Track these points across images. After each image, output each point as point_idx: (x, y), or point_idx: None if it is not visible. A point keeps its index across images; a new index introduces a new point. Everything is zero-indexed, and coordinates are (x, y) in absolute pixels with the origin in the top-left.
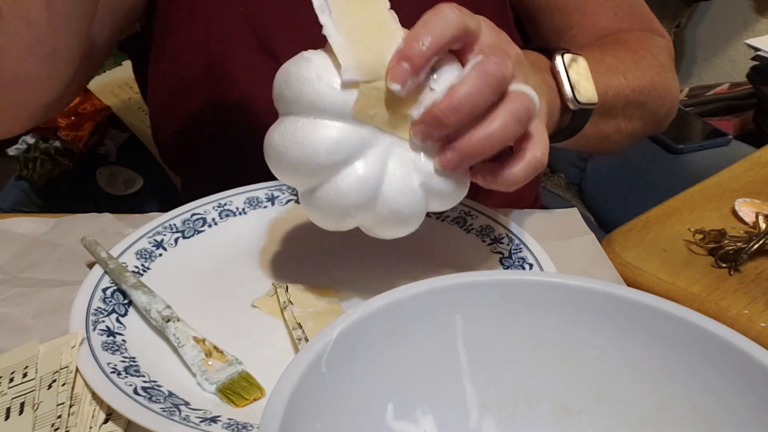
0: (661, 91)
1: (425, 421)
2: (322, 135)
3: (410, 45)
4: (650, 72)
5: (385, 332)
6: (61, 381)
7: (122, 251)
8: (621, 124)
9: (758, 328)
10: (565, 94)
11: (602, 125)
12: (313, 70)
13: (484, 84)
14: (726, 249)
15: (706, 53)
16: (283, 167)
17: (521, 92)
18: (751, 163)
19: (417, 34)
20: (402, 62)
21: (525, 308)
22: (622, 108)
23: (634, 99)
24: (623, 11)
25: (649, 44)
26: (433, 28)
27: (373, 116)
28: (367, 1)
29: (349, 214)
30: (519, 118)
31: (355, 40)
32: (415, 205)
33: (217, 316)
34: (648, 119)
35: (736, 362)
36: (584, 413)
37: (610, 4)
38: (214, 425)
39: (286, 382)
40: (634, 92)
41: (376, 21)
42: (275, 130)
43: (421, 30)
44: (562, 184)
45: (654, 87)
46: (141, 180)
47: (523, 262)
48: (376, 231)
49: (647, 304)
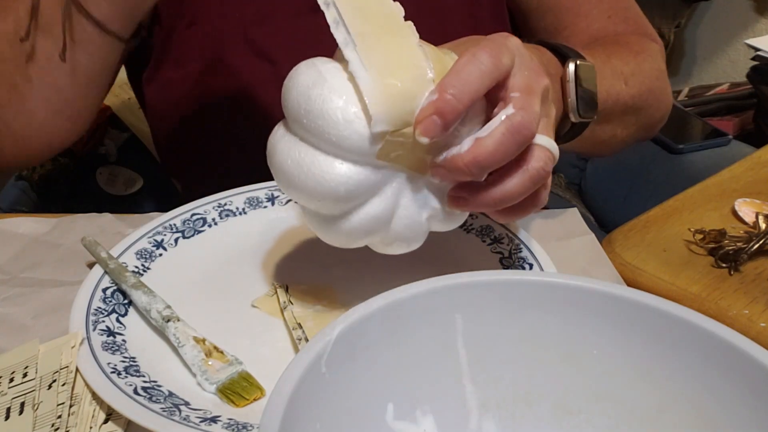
0: (659, 96)
1: (425, 421)
2: (342, 175)
3: (443, 98)
4: (650, 77)
5: (385, 332)
6: (61, 381)
7: (122, 251)
8: (617, 131)
9: (758, 328)
10: (569, 105)
11: (598, 131)
12: (337, 109)
13: (511, 142)
14: (726, 249)
15: (706, 53)
16: (296, 193)
17: (544, 149)
18: (751, 163)
19: (451, 84)
20: (434, 117)
21: (525, 308)
22: (619, 114)
23: (632, 105)
24: (617, 14)
25: (648, 49)
26: (469, 80)
27: (394, 158)
28: (395, 30)
29: (356, 242)
30: (537, 179)
31: (384, 83)
32: (420, 234)
33: (218, 316)
34: (643, 124)
35: (736, 362)
36: (584, 413)
37: (604, 6)
38: (214, 425)
39: (286, 382)
40: (633, 99)
41: (405, 58)
42: (287, 152)
43: (455, 80)
44: (562, 184)
45: (652, 92)
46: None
47: (523, 262)
48: (379, 249)
49: (647, 304)
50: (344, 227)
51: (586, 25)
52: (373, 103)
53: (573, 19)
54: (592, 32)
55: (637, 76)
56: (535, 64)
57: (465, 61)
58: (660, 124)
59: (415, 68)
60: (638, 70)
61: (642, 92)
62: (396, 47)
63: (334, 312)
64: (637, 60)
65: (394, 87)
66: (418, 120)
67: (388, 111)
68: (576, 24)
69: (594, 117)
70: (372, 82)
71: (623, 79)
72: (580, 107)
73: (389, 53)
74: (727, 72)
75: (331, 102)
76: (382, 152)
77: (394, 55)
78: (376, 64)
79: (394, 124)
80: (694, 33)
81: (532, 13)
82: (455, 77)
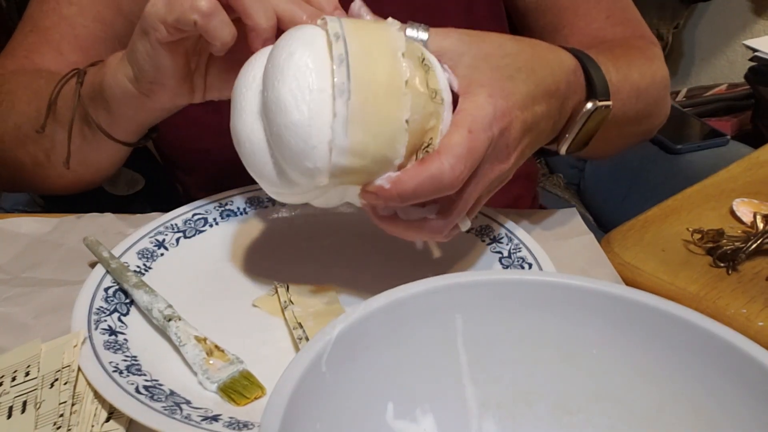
0: (662, 105)
1: (425, 420)
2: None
3: (391, 195)
4: (659, 87)
5: (385, 332)
6: (63, 380)
7: (124, 251)
8: (615, 140)
9: (756, 327)
10: (562, 138)
11: (596, 142)
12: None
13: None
14: (724, 248)
15: (705, 54)
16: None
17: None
18: (748, 164)
19: (404, 186)
20: (377, 196)
21: (525, 308)
22: (621, 125)
23: (635, 118)
24: (616, 15)
25: (656, 55)
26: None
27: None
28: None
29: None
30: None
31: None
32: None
33: (219, 316)
34: (642, 132)
35: (735, 361)
36: (584, 413)
37: (602, 6)
38: (215, 424)
39: (286, 381)
40: (639, 113)
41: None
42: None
43: (410, 184)
44: (561, 185)
45: (657, 103)
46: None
47: (523, 261)
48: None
49: (646, 304)
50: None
51: (584, 24)
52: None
53: (571, 18)
54: (590, 32)
55: (649, 89)
56: (504, 153)
57: (430, 164)
58: (658, 129)
59: (387, 150)
60: (651, 82)
61: (649, 104)
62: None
63: (334, 312)
64: (652, 69)
65: (359, 164)
66: (366, 190)
67: (342, 178)
68: (574, 23)
69: (579, 152)
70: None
71: (636, 95)
72: (571, 145)
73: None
74: (725, 73)
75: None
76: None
77: (378, 128)
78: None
79: (341, 182)
80: (693, 34)
81: (531, 13)
82: (412, 180)
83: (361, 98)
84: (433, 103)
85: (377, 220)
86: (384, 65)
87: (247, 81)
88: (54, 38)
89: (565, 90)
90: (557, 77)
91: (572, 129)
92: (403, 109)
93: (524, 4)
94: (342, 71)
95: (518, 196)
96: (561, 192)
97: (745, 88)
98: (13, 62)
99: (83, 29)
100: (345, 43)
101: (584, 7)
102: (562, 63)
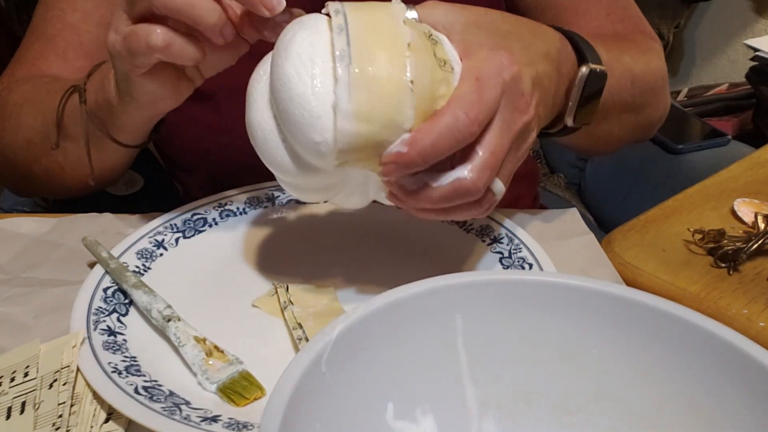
0: (659, 96)
1: (425, 420)
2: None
3: (410, 156)
4: (655, 75)
5: (385, 332)
6: (62, 380)
7: (123, 251)
8: (614, 129)
9: (757, 328)
10: (567, 108)
11: (594, 129)
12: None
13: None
14: (725, 249)
15: (705, 53)
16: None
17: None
18: (750, 164)
19: (422, 142)
20: (398, 165)
21: (525, 308)
22: (618, 112)
23: (632, 104)
24: (616, 13)
25: (653, 47)
26: (439, 143)
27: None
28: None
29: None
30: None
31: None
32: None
33: (218, 316)
34: (641, 123)
35: (735, 361)
36: (584, 413)
37: (603, 4)
38: (215, 424)
39: (286, 382)
40: (634, 98)
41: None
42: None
43: (428, 138)
44: (562, 184)
45: (654, 92)
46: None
47: (523, 262)
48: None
49: (647, 304)
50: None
51: (584, 23)
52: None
53: (571, 17)
54: (590, 30)
55: (644, 76)
56: (522, 102)
57: (444, 114)
58: (658, 125)
59: (395, 113)
60: (646, 68)
61: (645, 91)
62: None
63: (333, 312)
64: (646, 58)
65: (366, 129)
66: (384, 162)
67: (352, 149)
68: (574, 22)
69: (589, 123)
70: (349, 121)
71: (630, 78)
72: (577, 114)
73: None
74: (726, 72)
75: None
76: (341, 164)
77: (381, 89)
78: (358, 100)
79: (355, 159)
80: (694, 33)
81: (531, 11)
82: (428, 135)
83: (362, 61)
84: (442, 71)
85: (413, 203)
86: (384, 30)
87: (258, 75)
88: (59, 45)
89: (556, 55)
90: (547, 44)
91: (573, 96)
92: (406, 69)
93: (525, 4)
94: (342, 38)
95: (519, 196)
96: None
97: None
98: (21, 70)
99: (88, 35)
100: (345, 16)
101: (584, 5)
102: (547, 32)
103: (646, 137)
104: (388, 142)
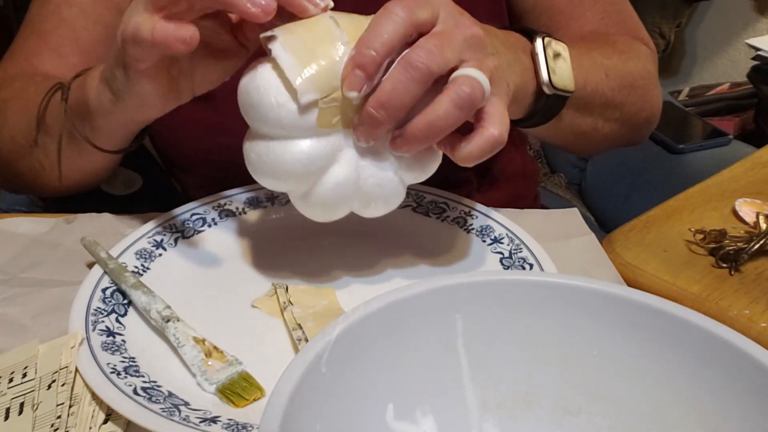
0: (642, 95)
1: (425, 421)
2: (293, 153)
3: (361, 52)
4: (634, 74)
5: (385, 332)
6: (60, 381)
7: (122, 251)
8: (598, 123)
9: (759, 329)
10: (540, 77)
11: (578, 120)
12: (270, 95)
13: (407, 79)
14: (726, 249)
15: (707, 53)
16: (268, 181)
17: (466, 77)
18: (751, 163)
19: (367, 39)
20: (355, 70)
21: (525, 308)
22: (600, 106)
23: (612, 98)
24: (611, 17)
25: (636, 50)
26: (382, 31)
27: (336, 123)
28: (309, 22)
29: (336, 211)
30: (461, 104)
31: (304, 59)
32: (393, 190)
33: (217, 317)
34: (626, 122)
35: (737, 362)
36: (584, 413)
37: (598, 8)
38: (214, 425)
39: (286, 383)
40: (613, 91)
41: (319, 34)
42: (251, 149)
43: (371, 34)
44: (562, 184)
45: (635, 89)
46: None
47: (523, 262)
48: (364, 214)
49: (647, 304)
50: (317, 200)
51: (579, 26)
52: (294, 77)
53: (566, 21)
54: (584, 34)
55: (618, 70)
56: (465, 20)
57: (378, 16)
58: (648, 127)
59: (329, 38)
60: (621, 65)
61: (624, 86)
62: (311, 28)
63: (333, 312)
64: (621, 57)
65: (312, 58)
66: (342, 78)
67: (310, 81)
68: (569, 26)
69: (571, 91)
70: (292, 61)
71: (603, 71)
72: (552, 79)
73: (305, 35)
74: (728, 72)
75: (265, 91)
76: (322, 121)
77: (309, 35)
78: (294, 47)
79: (320, 90)
80: (695, 33)
81: (527, 15)
82: (370, 32)
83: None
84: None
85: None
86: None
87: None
88: (54, 41)
89: (502, 35)
90: (489, 27)
91: (540, 64)
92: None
93: (520, 7)
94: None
95: (519, 196)
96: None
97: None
98: (14, 66)
99: (84, 32)
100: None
101: (579, 9)
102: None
103: (637, 139)
104: (337, 64)
